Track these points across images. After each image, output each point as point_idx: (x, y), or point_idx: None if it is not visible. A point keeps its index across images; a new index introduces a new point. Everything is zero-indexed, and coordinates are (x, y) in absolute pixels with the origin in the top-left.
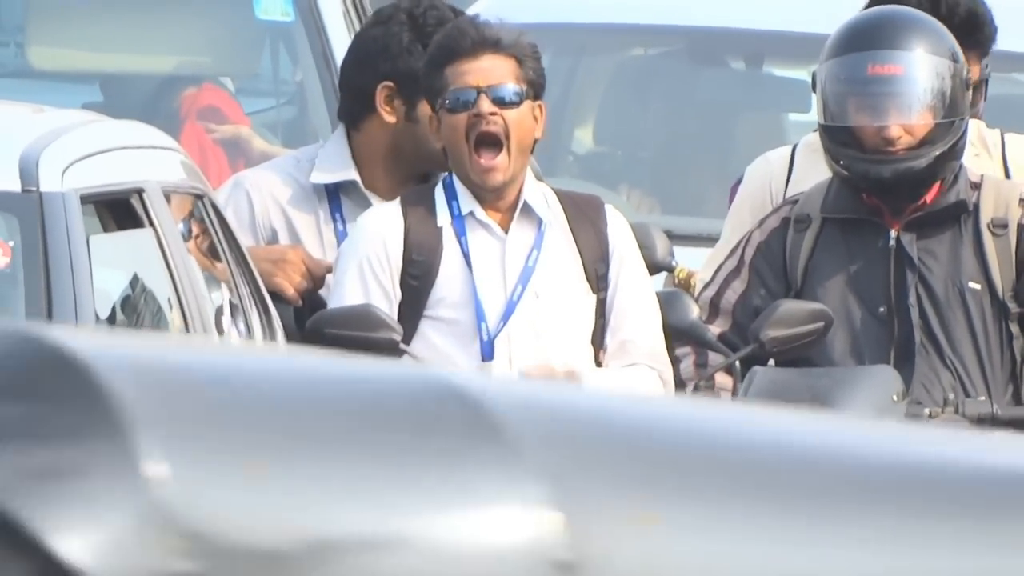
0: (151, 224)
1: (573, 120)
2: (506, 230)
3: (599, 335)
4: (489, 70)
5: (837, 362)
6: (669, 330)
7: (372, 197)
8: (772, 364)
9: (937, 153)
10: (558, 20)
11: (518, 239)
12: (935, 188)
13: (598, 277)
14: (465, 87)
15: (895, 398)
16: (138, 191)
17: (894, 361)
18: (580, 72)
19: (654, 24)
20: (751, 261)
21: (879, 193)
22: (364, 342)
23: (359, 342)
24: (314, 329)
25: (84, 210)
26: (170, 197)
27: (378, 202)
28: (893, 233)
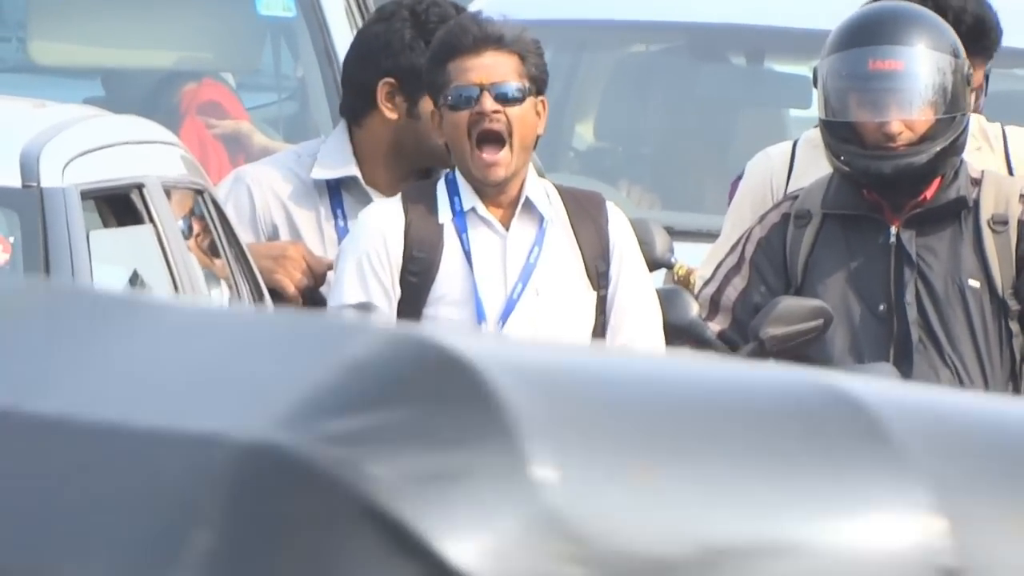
0: (151, 220)
1: (574, 116)
2: (507, 226)
3: (599, 332)
4: (491, 67)
5: (837, 359)
6: (669, 327)
7: (373, 193)
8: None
9: (938, 149)
10: (559, 16)
11: (519, 236)
12: (935, 184)
13: (599, 274)
14: (467, 84)
15: None
16: (138, 186)
17: (893, 358)
18: (581, 68)
19: (655, 20)
20: (751, 258)
21: (879, 189)
22: None
23: None
24: None
25: (84, 205)
26: (170, 192)
27: (379, 198)
28: (893, 229)
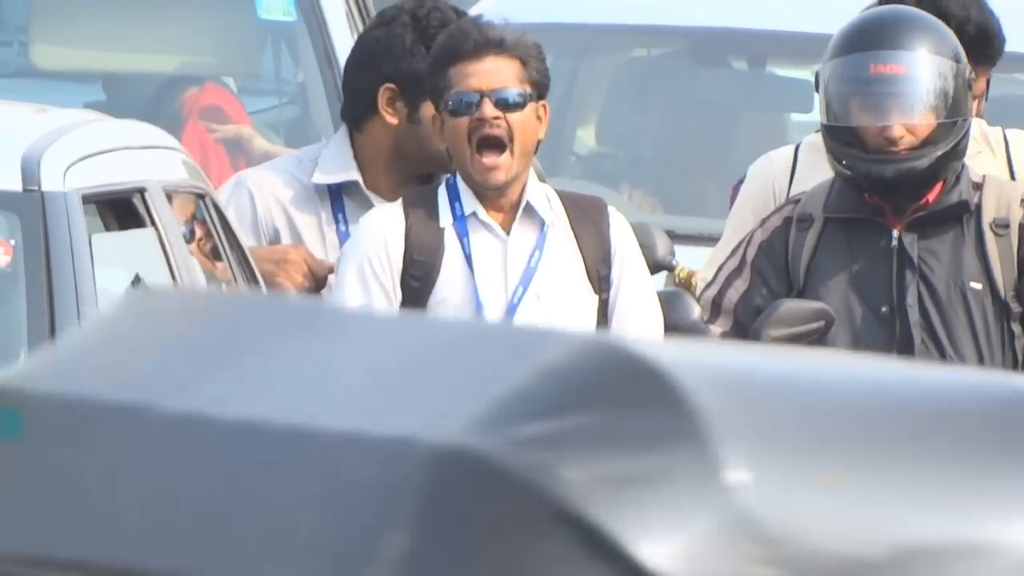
0: (153, 224)
1: (575, 120)
2: (508, 231)
3: None
4: (492, 72)
5: None
6: (670, 330)
7: (374, 198)
8: None
9: (939, 153)
10: (560, 20)
11: (520, 240)
12: (937, 188)
13: (600, 278)
14: (468, 90)
15: None
16: (140, 191)
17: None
18: (582, 72)
19: (656, 24)
20: (753, 261)
21: (881, 193)
22: None
23: None
24: None
25: (86, 210)
26: (172, 197)
27: (380, 203)
28: (895, 233)
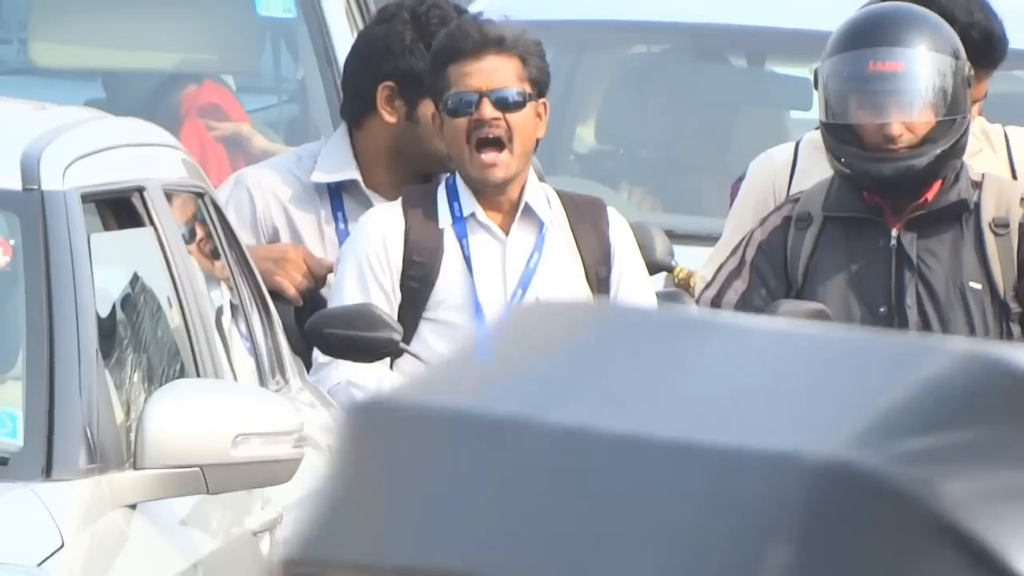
0: (152, 223)
1: (575, 118)
2: (507, 232)
3: None
4: (491, 72)
5: None
6: None
7: (373, 196)
8: None
9: (938, 151)
10: (560, 17)
11: (519, 241)
12: (936, 187)
13: (599, 280)
14: (467, 90)
15: None
16: (139, 189)
17: None
18: (582, 69)
19: (656, 21)
20: (752, 261)
21: (880, 191)
22: (364, 341)
23: (359, 341)
24: (314, 328)
25: (85, 208)
26: (171, 195)
27: (379, 201)
28: (894, 232)
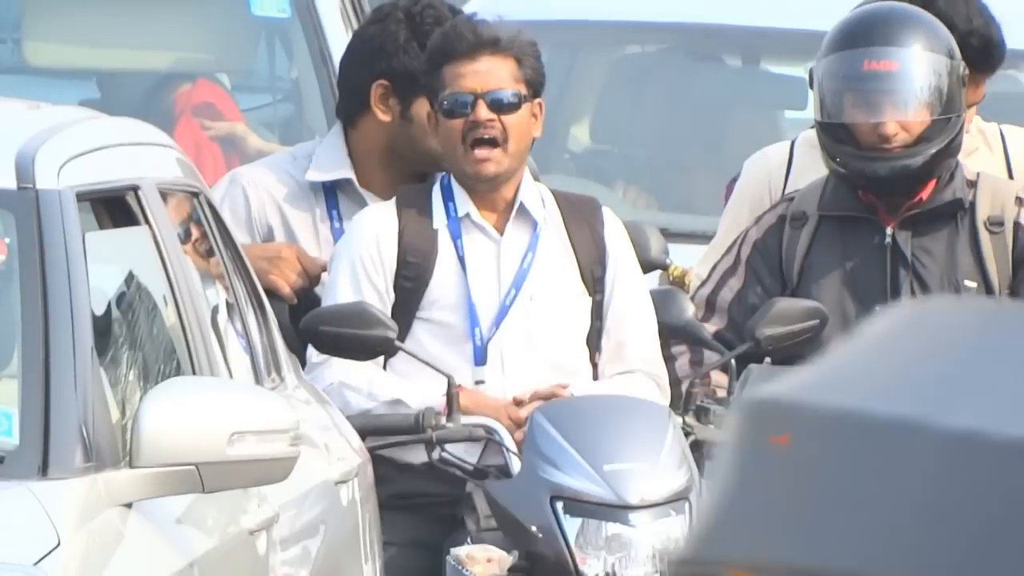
0: (147, 221)
1: (569, 117)
2: (501, 232)
3: (595, 337)
4: (486, 73)
5: None
6: (665, 328)
7: (368, 195)
8: (768, 362)
9: (933, 150)
10: (554, 17)
11: (513, 241)
12: (931, 185)
13: (594, 279)
14: (461, 91)
15: None
16: (134, 188)
17: None
18: (576, 69)
19: (650, 21)
20: (747, 259)
21: (875, 190)
22: (359, 339)
23: (354, 339)
24: (309, 327)
25: (80, 207)
26: (166, 194)
27: (374, 200)
28: (889, 231)
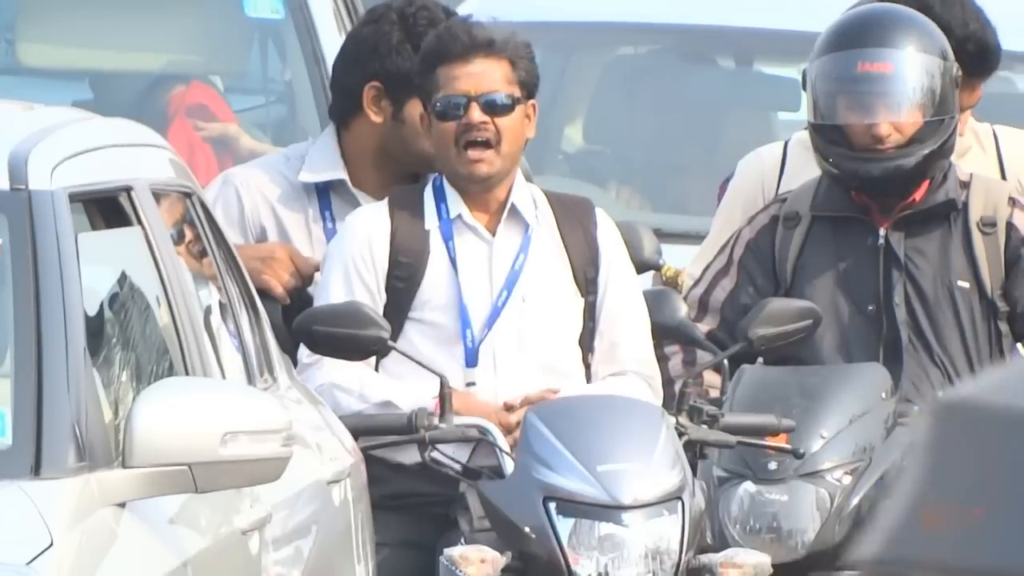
0: (139, 222)
1: (563, 118)
2: (493, 233)
3: (587, 339)
4: (480, 75)
5: (826, 360)
6: (658, 328)
7: (361, 196)
8: (760, 362)
9: (926, 151)
10: (548, 18)
11: (505, 242)
12: (924, 186)
13: (587, 280)
14: (455, 93)
15: (884, 395)
16: (127, 189)
17: (883, 359)
18: (570, 70)
19: (644, 22)
20: (740, 259)
21: (868, 191)
22: (352, 339)
23: (347, 339)
24: (302, 326)
25: (73, 208)
26: (159, 195)
27: (367, 201)
28: (882, 231)
